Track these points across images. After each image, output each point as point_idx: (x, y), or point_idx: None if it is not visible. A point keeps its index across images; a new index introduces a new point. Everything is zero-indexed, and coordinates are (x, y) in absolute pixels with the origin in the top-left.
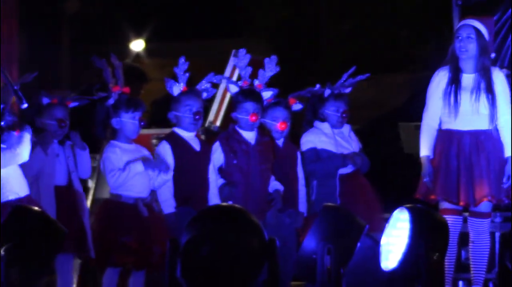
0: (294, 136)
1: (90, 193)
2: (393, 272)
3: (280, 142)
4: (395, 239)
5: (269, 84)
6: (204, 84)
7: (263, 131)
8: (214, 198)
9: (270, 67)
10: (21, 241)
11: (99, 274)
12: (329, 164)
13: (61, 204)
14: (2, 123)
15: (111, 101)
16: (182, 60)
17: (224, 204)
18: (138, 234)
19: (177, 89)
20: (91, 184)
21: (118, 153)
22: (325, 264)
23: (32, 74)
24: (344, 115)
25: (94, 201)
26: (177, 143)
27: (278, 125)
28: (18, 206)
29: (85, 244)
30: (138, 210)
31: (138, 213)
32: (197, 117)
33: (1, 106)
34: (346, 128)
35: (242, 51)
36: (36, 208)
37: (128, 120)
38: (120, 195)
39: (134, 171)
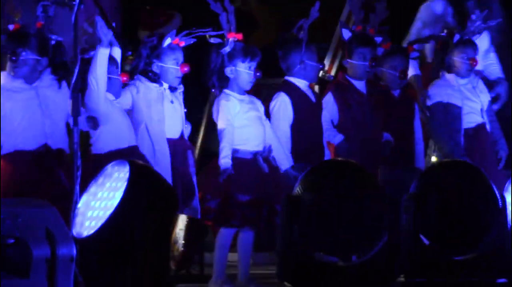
0: None
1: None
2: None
3: (395, 92)
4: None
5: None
6: None
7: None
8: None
9: (380, 11)
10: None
11: (212, 233)
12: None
13: (173, 158)
14: None
15: (226, 49)
16: None
17: (342, 159)
18: (258, 192)
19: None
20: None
21: (234, 102)
22: None
23: None
24: (474, 63)
25: (202, 154)
26: (295, 94)
27: (398, 74)
28: (138, 167)
29: (193, 203)
30: (258, 165)
31: (258, 169)
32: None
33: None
34: (475, 79)
35: None
36: (156, 173)
37: (244, 70)
38: (236, 149)
39: None
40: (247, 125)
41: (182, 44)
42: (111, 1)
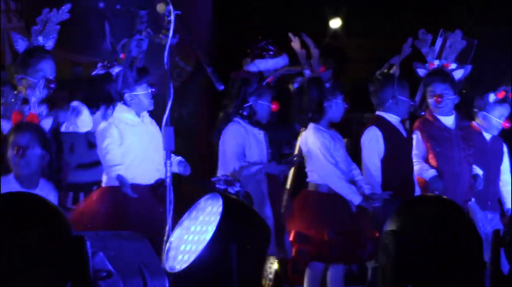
0: None
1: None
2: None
3: (487, 135)
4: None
5: None
6: None
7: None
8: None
9: (456, 43)
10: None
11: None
12: None
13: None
14: None
15: (327, 84)
16: None
17: (433, 194)
18: (349, 226)
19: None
20: None
21: (328, 138)
22: None
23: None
24: None
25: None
26: (387, 129)
27: (503, 123)
28: (231, 200)
29: (284, 242)
30: (345, 200)
31: (347, 205)
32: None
33: None
34: None
35: (422, 31)
36: (249, 207)
37: (341, 103)
38: (327, 185)
39: None
40: (338, 162)
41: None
42: (205, 36)
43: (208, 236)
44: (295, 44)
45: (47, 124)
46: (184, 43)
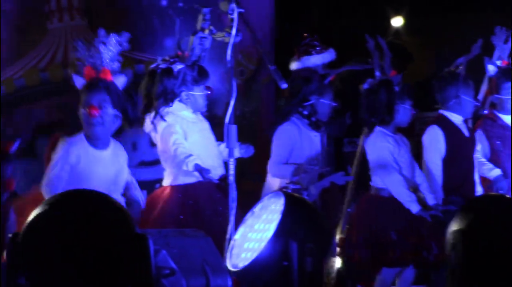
0: None
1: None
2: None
3: None
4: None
5: None
6: None
7: None
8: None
9: None
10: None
11: (372, 273)
12: None
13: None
14: None
15: (396, 88)
16: None
17: (497, 193)
18: (413, 229)
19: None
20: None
21: (392, 143)
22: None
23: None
24: None
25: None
26: (449, 128)
27: None
28: (293, 199)
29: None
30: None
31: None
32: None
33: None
34: None
35: (499, 28)
36: (312, 205)
37: (406, 107)
38: (386, 189)
39: None
40: (402, 167)
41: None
42: (264, 32)
43: (270, 234)
44: (370, 44)
45: (120, 81)
46: (247, 41)
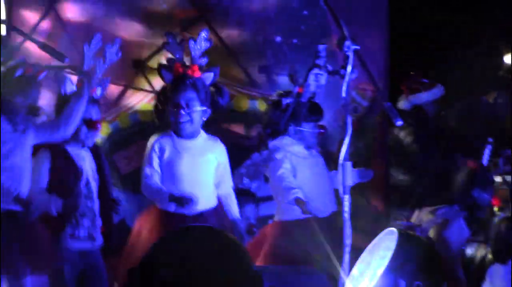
0: None
1: None
2: None
3: None
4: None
5: None
6: None
7: None
8: None
9: None
10: None
11: None
12: None
13: None
14: None
15: None
16: None
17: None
18: None
19: None
20: None
21: None
22: None
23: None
24: None
25: None
26: None
27: None
28: (406, 236)
29: None
30: None
31: None
32: None
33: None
34: None
35: None
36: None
37: None
38: None
39: None
40: None
41: None
42: (378, 66)
43: (382, 270)
44: None
45: (208, 78)
46: (361, 78)
